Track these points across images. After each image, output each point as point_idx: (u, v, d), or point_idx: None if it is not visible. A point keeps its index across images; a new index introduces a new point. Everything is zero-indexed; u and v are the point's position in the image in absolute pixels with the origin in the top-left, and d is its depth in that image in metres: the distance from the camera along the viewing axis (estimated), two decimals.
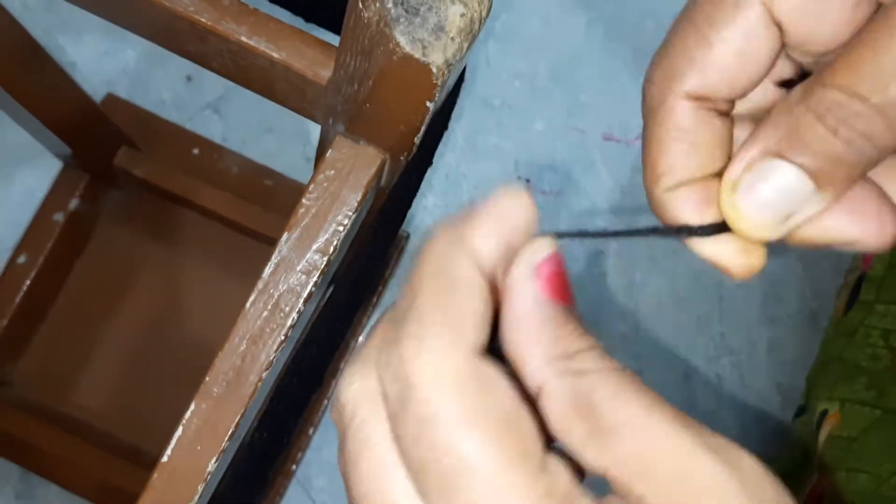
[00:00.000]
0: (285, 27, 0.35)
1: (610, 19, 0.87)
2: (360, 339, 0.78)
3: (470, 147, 0.85)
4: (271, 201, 0.82)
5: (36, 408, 0.77)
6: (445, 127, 0.33)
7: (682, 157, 0.23)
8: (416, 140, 0.32)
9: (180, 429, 0.33)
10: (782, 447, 0.72)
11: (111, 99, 0.84)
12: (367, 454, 0.20)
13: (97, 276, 0.80)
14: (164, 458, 0.33)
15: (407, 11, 0.26)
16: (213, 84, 0.85)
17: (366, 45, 0.28)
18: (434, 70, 0.26)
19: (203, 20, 0.35)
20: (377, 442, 0.20)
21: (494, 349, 0.21)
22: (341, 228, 0.35)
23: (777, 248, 0.77)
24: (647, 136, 0.24)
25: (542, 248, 0.21)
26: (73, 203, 0.76)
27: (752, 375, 0.82)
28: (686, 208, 0.24)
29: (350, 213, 0.35)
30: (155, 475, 0.33)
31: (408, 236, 0.83)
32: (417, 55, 0.26)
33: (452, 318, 0.20)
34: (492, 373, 0.19)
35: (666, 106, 0.23)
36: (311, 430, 0.78)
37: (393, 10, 0.26)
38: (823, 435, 0.60)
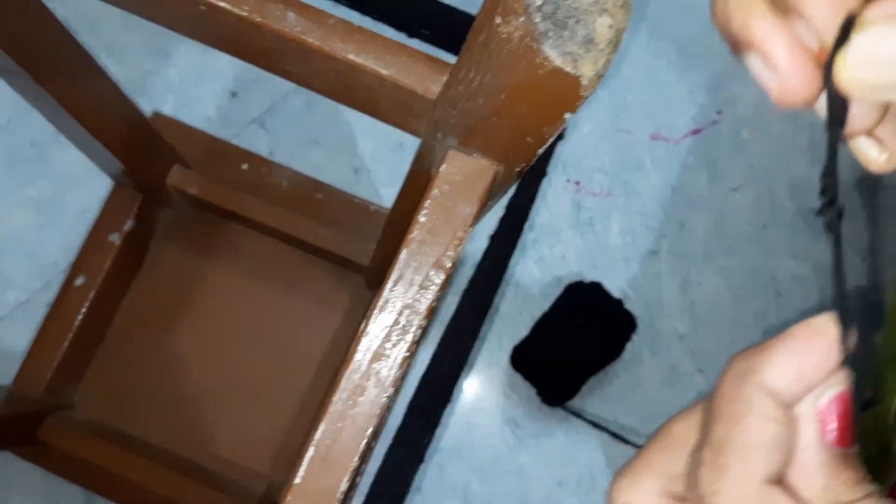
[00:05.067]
0: (392, 44, 0.35)
1: (652, 19, 0.87)
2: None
3: None
4: (322, 214, 0.82)
5: (98, 429, 0.77)
6: (561, 136, 0.33)
7: None
8: (540, 152, 0.32)
9: (311, 449, 0.33)
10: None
11: (158, 117, 0.84)
12: None
13: (153, 296, 0.80)
14: (297, 480, 0.33)
15: (555, 25, 0.26)
16: (259, 99, 0.86)
17: (501, 60, 0.28)
18: (584, 82, 0.26)
19: (310, 40, 0.35)
20: None
21: None
22: (457, 242, 0.35)
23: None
24: None
25: (829, 390, 0.22)
26: (129, 224, 0.77)
27: None
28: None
29: (466, 227, 0.35)
30: (289, 497, 0.32)
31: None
32: (568, 68, 0.26)
33: (743, 448, 0.21)
34: (782, 502, 0.20)
35: None
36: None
37: (541, 25, 0.26)
38: None
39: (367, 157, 0.84)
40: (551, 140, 0.31)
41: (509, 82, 0.28)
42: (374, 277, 0.78)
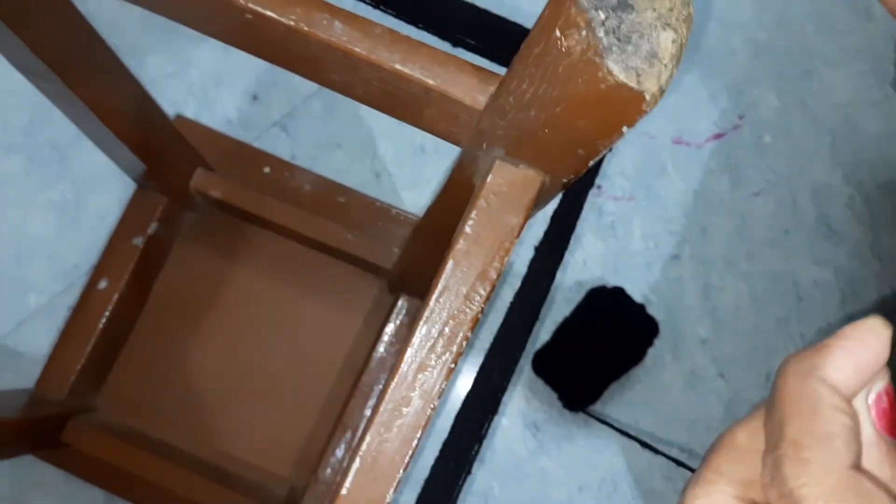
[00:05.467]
0: (439, 53, 0.35)
1: None
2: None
3: None
4: (344, 217, 0.82)
5: (120, 431, 0.77)
6: (610, 148, 0.33)
7: None
8: (591, 164, 0.32)
9: (357, 461, 0.33)
10: None
11: (180, 120, 0.84)
12: None
13: (174, 299, 0.80)
14: (344, 491, 0.33)
15: (619, 40, 0.25)
16: (280, 102, 0.86)
17: (559, 73, 0.28)
18: (648, 97, 0.26)
19: (357, 50, 0.35)
20: None
21: None
22: (503, 253, 0.35)
23: (853, 248, 0.75)
24: None
25: (876, 385, 0.23)
26: (153, 226, 0.77)
27: None
28: None
29: (512, 238, 0.35)
30: None
31: None
32: (632, 84, 0.26)
33: (824, 438, 0.21)
34: (869, 486, 0.21)
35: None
36: None
37: (604, 40, 0.25)
38: None
39: (388, 161, 0.84)
40: (605, 152, 0.31)
41: (566, 95, 0.28)
42: (396, 281, 0.78)
